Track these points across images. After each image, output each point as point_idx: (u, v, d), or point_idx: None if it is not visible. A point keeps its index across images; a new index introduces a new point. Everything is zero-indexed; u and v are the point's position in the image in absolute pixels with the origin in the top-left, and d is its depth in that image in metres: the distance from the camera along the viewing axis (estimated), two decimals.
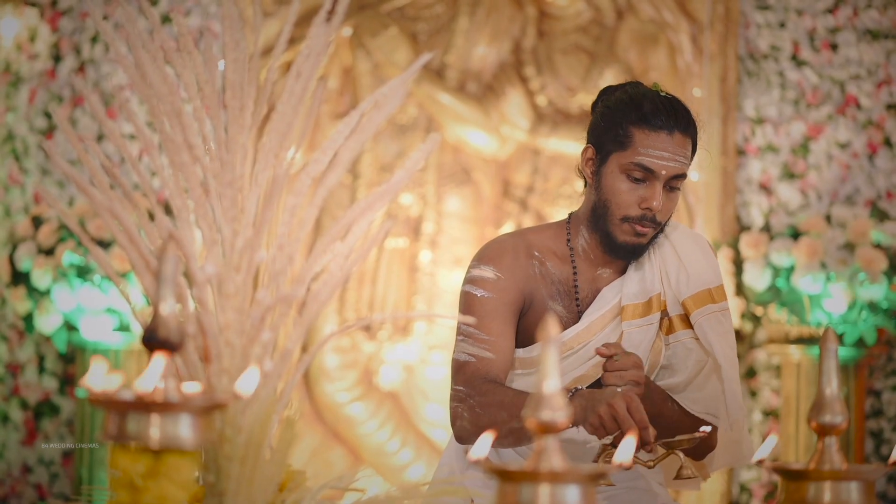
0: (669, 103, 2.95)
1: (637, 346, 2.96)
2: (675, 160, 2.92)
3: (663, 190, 2.92)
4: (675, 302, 2.99)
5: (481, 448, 1.80)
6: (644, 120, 2.93)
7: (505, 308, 2.97)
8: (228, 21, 2.23)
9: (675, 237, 3.04)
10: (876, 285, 5.37)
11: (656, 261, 3.01)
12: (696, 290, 2.98)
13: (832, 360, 2.00)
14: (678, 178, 2.93)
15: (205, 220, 2.18)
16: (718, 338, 2.96)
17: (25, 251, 5.51)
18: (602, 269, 3.03)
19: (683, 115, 2.95)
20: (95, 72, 5.74)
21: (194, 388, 1.86)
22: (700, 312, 2.97)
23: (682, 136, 2.93)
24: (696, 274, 3.00)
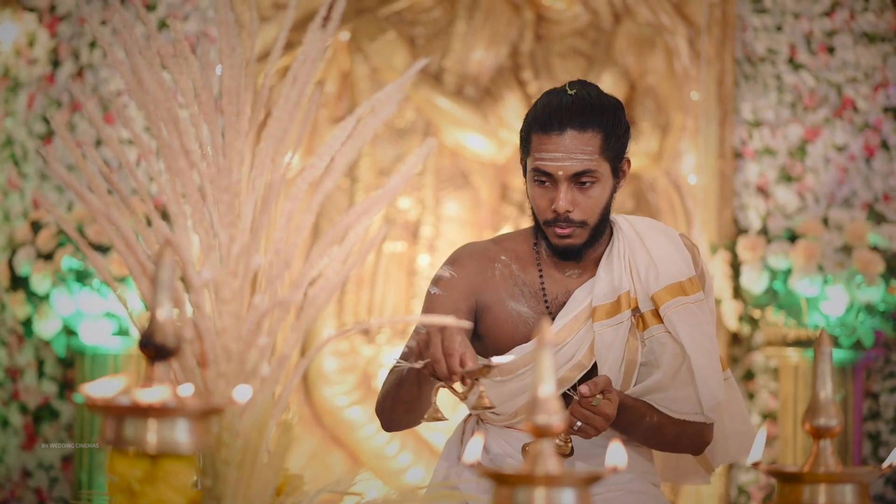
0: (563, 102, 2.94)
1: (609, 345, 2.96)
2: (571, 159, 2.91)
3: (575, 188, 2.92)
4: (645, 297, 2.99)
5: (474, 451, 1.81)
6: (537, 123, 2.94)
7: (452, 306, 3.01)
8: (225, 26, 2.24)
9: (645, 232, 3.04)
10: (873, 288, 5.38)
11: (625, 258, 3.01)
12: (666, 283, 2.98)
13: (827, 363, 2.01)
14: (585, 175, 2.92)
15: (202, 226, 2.19)
16: (688, 328, 2.96)
17: (24, 256, 5.51)
18: (570, 270, 3.04)
19: (579, 111, 2.92)
20: (94, 77, 5.75)
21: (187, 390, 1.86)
22: (669, 305, 2.97)
23: (578, 132, 2.91)
24: (666, 268, 2.99)
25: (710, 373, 2.95)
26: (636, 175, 5.69)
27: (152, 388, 1.77)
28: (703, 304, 3.00)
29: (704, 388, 2.94)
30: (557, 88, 3.00)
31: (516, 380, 3.01)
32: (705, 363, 2.95)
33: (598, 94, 2.99)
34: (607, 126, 2.94)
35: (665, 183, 5.70)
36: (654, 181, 5.71)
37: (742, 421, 3.14)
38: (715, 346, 3.00)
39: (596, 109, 2.94)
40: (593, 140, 2.92)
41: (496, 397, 3.04)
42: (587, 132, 2.92)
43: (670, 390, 2.97)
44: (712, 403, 2.95)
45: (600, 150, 2.93)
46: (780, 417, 5.51)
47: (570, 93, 2.95)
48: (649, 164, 5.69)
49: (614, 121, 2.96)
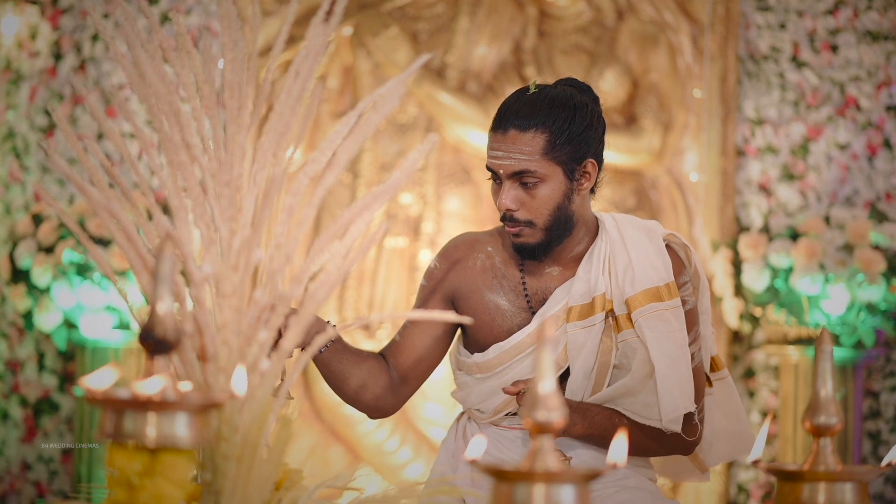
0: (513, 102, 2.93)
1: (582, 346, 2.95)
2: (510, 157, 2.91)
3: (520, 188, 2.92)
4: (621, 301, 2.97)
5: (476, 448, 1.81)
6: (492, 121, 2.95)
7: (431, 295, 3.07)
8: (227, 21, 2.24)
9: (628, 232, 3.02)
10: (874, 287, 5.37)
11: (605, 260, 3.00)
12: (642, 288, 2.95)
13: (827, 361, 2.01)
14: (524, 175, 2.91)
15: (203, 220, 2.19)
16: (657, 336, 2.93)
17: (25, 249, 5.51)
18: (550, 267, 3.03)
19: (523, 111, 2.91)
20: (96, 70, 5.75)
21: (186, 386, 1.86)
22: (641, 311, 2.94)
23: (519, 132, 2.90)
24: (644, 272, 2.97)
25: (674, 383, 2.91)
26: (638, 172, 5.69)
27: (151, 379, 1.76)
28: (678, 311, 2.96)
29: (667, 399, 2.91)
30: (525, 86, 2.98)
31: (495, 377, 3.01)
32: (671, 373, 2.91)
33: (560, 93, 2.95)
34: (554, 127, 2.90)
35: (667, 180, 5.70)
36: (656, 178, 5.71)
37: (736, 420, 3.12)
38: (685, 356, 2.95)
39: (542, 110, 2.91)
40: (535, 140, 2.90)
41: (476, 395, 3.05)
42: (528, 132, 2.90)
43: (640, 395, 2.95)
44: (673, 416, 2.91)
45: (543, 150, 2.90)
46: (781, 416, 5.51)
47: (530, 91, 2.94)
48: (651, 161, 5.69)
49: (565, 122, 2.92)
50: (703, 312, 3.05)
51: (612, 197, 5.69)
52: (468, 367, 3.06)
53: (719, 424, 3.10)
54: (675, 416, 2.91)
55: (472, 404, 3.08)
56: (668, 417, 2.91)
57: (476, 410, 3.07)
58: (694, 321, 3.02)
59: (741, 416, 3.13)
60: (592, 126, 2.96)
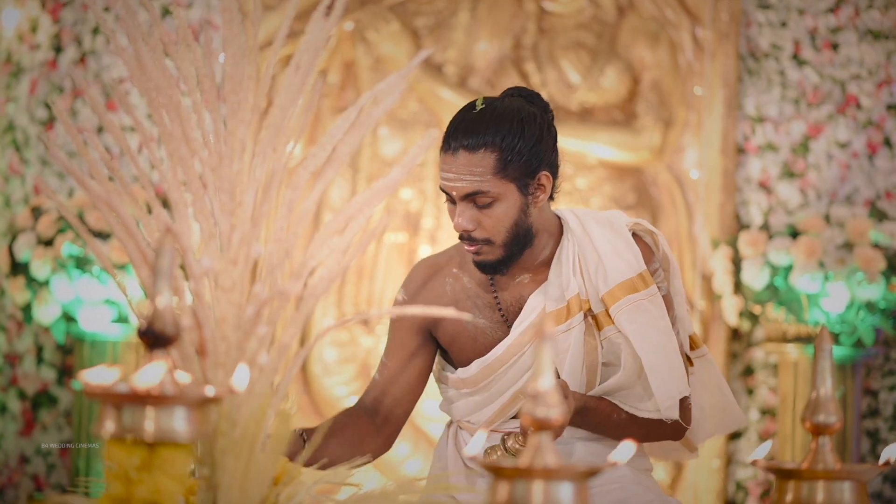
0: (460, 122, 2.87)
1: (566, 350, 2.93)
2: (461, 179, 2.85)
3: (472, 207, 2.86)
4: (597, 299, 2.95)
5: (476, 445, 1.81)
6: (442, 142, 2.89)
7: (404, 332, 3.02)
8: (228, 14, 2.24)
9: (592, 228, 2.97)
10: (874, 285, 5.37)
11: (574, 260, 2.96)
12: (615, 283, 2.92)
13: (827, 360, 2.01)
14: (477, 196, 2.85)
15: (202, 214, 2.19)
16: (639, 327, 2.90)
17: (25, 242, 5.51)
18: (521, 276, 2.99)
19: (471, 132, 2.84)
20: (96, 63, 5.74)
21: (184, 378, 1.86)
22: (618, 306, 2.91)
23: (469, 152, 2.84)
24: (615, 266, 2.93)
25: (665, 371, 2.90)
26: (639, 169, 5.69)
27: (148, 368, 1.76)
28: (655, 298, 2.93)
29: (660, 389, 2.89)
30: (472, 102, 2.92)
31: (480, 392, 3.00)
32: (660, 361, 2.90)
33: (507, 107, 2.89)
34: (504, 145, 2.85)
35: (667, 178, 5.70)
36: (656, 176, 5.71)
37: (721, 395, 3.10)
38: (671, 342, 2.92)
39: (490, 129, 2.85)
40: (485, 160, 2.84)
41: (464, 408, 3.04)
42: (478, 152, 2.84)
43: (634, 388, 2.93)
44: (669, 403, 2.90)
45: (494, 170, 2.84)
46: (780, 414, 5.51)
47: (476, 108, 2.88)
48: (652, 158, 5.68)
49: (514, 138, 2.86)
50: (676, 294, 3.02)
51: (613, 193, 5.69)
52: (453, 381, 3.04)
53: (705, 401, 3.09)
54: (672, 403, 2.90)
55: (461, 416, 3.07)
56: (665, 405, 2.89)
57: (466, 422, 3.07)
58: (670, 306, 2.99)
59: (725, 391, 3.11)
60: (543, 138, 2.91)
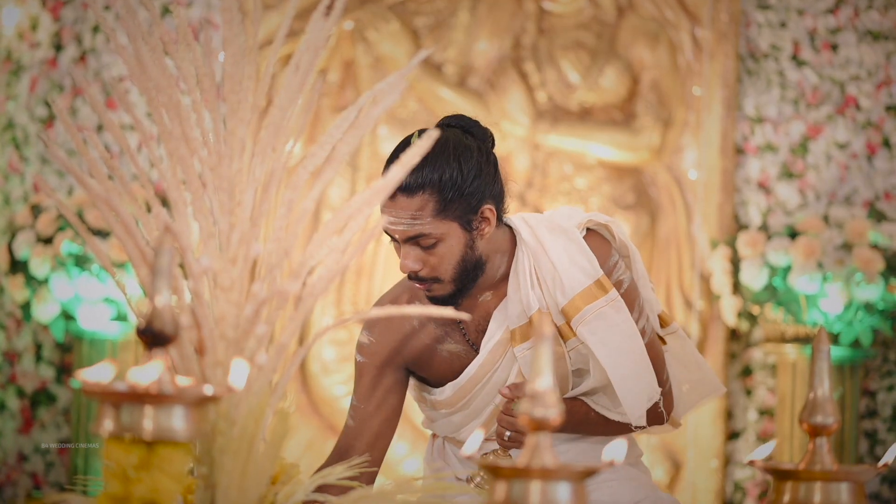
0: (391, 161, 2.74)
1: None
2: (402, 223, 2.78)
3: (416, 248, 2.80)
4: (557, 311, 2.88)
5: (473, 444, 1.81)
6: None
7: (376, 371, 2.96)
8: (228, 14, 2.24)
9: (545, 238, 2.90)
10: (872, 286, 5.38)
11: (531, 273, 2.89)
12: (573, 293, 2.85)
13: (824, 361, 2.01)
14: (422, 238, 2.79)
15: (202, 213, 2.19)
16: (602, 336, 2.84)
17: (24, 240, 5.51)
18: (483, 294, 2.94)
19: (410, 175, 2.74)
20: (97, 61, 5.75)
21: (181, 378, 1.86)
22: (579, 318, 2.85)
23: (407, 197, 2.76)
24: (571, 276, 2.86)
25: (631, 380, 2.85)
26: (638, 169, 5.70)
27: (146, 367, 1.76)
28: (616, 302, 2.86)
29: (627, 399, 2.85)
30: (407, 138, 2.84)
31: (459, 411, 2.99)
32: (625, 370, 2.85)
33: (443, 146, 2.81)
34: (442, 184, 2.77)
35: (666, 178, 5.70)
36: (655, 176, 5.71)
37: (697, 369, 3.07)
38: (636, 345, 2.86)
39: (426, 169, 2.77)
40: (425, 203, 2.78)
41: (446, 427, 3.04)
42: (416, 196, 2.77)
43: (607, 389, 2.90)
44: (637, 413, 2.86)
45: (434, 212, 2.78)
46: (778, 414, 5.52)
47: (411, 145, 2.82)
48: (651, 158, 5.69)
49: (452, 176, 2.78)
50: (639, 277, 2.96)
51: (612, 193, 5.69)
52: (431, 402, 3.03)
53: (682, 376, 3.07)
54: (640, 413, 2.87)
55: (444, 434, 3.07)
56: (633, 414, 2.86)
57: (450, 437, 3.07)
58: (635, 295, 2.93)
59: (701, 363, 3.08)
60: (482, 171, 2.83)
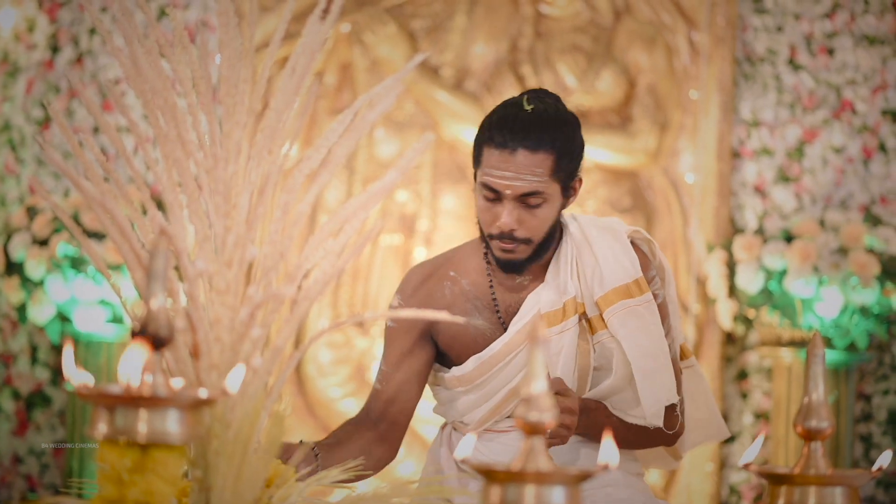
0: (519, 120, 2.86)
1: (558, 353, 2.94)
2: (521, 179, 2.84)
3: (521, 207, 2.87)
4: (592, 303, 2.96)
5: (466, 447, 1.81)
6: (490, 138, 2.87)
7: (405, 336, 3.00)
8: (224, 16, 2.24)
9: (592, 234, 2.98)
10: (868, 290, 5.38)
11: (573, 263, 2.97)
12: (611, 287, 2.94)
13: (819, 365, 2.01)
14: (532, 196, 2.86)
15: (197, 216, 2.19)
16: (631, 332, 2.91)
17: (20, 241, 5.51)
18: (521, 277, 2.99)
19: (533, 131, 2.84)
20: (93, 63, 5.75)
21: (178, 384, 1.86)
22: (611, 310, 2.93)
23: (530, 152, 2.84)
24: (612, 271, 2.94)
25: (653, 378, 2.91)
26: (634, 173, 5.70)
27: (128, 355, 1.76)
28: (650, 305, 2.95)
29: (646, 394, 2.90)
30: (515, 100, 2.93)
31: (475, 390, 3.01)
32: (650, 368, 2.91)
33: (556, 111, 2.91)
34: (561, 147, 2.87)
35: (662, 181, 5.70)
36: (651, 179, 5.71)
37: (706, 408, 3.12)
38: (662, 349, 2.94)
39: (550, 130, 2.86)
40: (545, 161, 2.85)
41: (458, 409, 3.04)
42: (539, 153, 2.85)
43: (625, 392, 2.94)
44: (655, 409, 2.90)
45: (551, 171, 2.86)
46: (773, 418, 5.52)
47: (527, 108, 2.88)
48: (647, 161, 5.69)
49: (569, 141, 2.88)
50: (670, 302, 3.04)
51: (609, 197, 5.69)
52: (447, 381, 3.05)
53: (690, 412, 3.10)
54: (657, 410, 2.91)
55: (455, 417, 3.07)
56: (650, 412, 2.90)
57: (460, 423, 3.07)
58: (665, 314, 3.01)
59: (711, 404, 3.13)
60: (583, 144, 2.94)
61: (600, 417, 2.93)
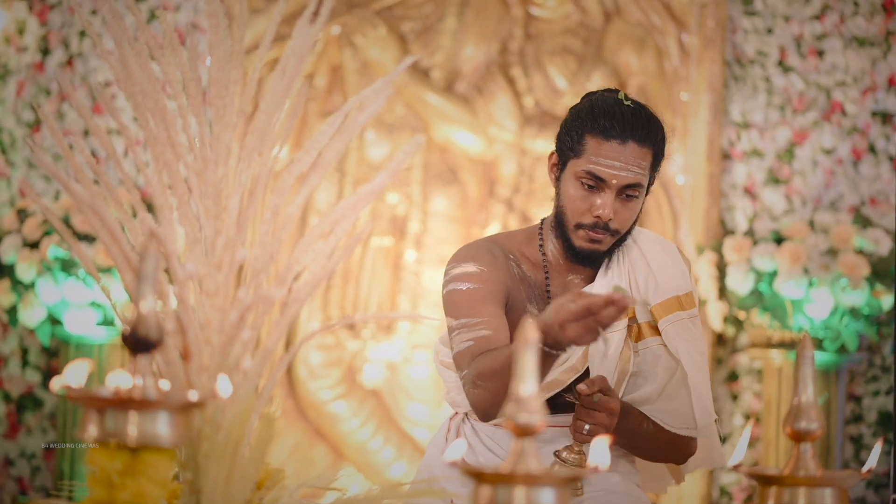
0: (627, 112, 2.93)
1: (604, 353, 2.96)
2: (628, 170, 2.91)
3: (618, 198, 2.92)
4: (643, 309, 2.99)
5: (456, 450, 1.81)
6: (597, 128, 2.92)
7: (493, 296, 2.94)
8: (214, 18, 2.24)
9: (644, 243, 3.04)
10: (858, 291, 5.39)
11: (625, 267, 3.01)
12: (665, 297, 2.98)
13: (808, 366, 2.02)
14: (633, 188, 2.92)
15: (187, 218, 2.19)
16: (686, 344, 2.96)
17: (10, 244, 5.50)
18: (572, 275, 3.02)
19: (641, 125, 2.93)
20: (84, 66, 5.74)
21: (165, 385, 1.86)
22: (668, 320, 2.97)
23: (638, 145, 2.91)
24: (665, 281, 3.00)
25: (703, 389, 2.96)
26: None
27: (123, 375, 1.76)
28: (696, 319, 3.01)
29: (699, 405, 2.94)
30: (609, 92, 3.00)
31: None
32: (700, 380, 2.96)
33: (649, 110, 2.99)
34: (658, 144, 2.95)
35: None
36: None
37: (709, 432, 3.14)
38: (706, 364, 3.00)
39: (653, 126, 2.95)
40: (647, 156, 2.93)
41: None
42: (644, 147, 2.92)
43: (658, 402, 2.97)
44: (707, 420, 2.96)
45: (651, 166, 2.95)
46: (764, 419, 5.53)
47: (626, 103, 2.95)
48: None
49: (663, 139, 2.97)
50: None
51: None
52: None
53: None
54: (707, 422, 2.96)
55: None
56: (703, 423, 2.95)
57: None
58: None
59: (711, 431, 3.15)
60: None
61: (635, 422, 2.94)
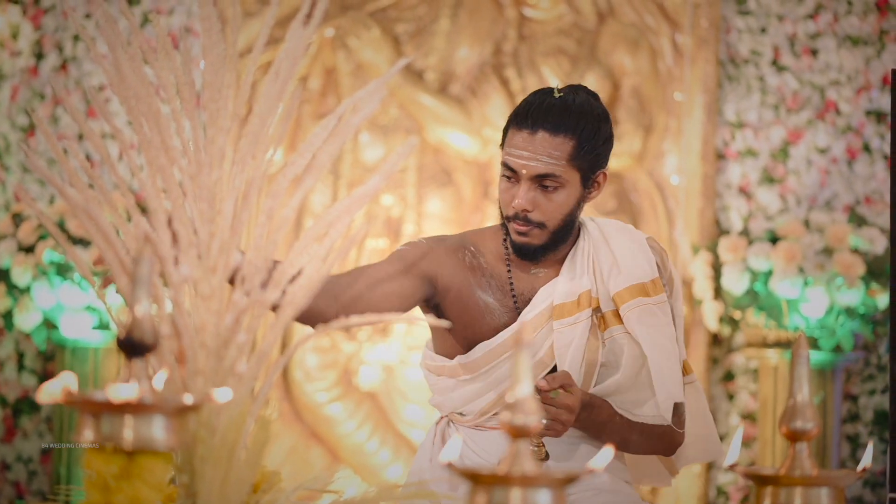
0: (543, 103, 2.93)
1: (568, 344, 2.97)
2: (537, 160, 2.91)
3: (537, 190, 2.93)
4: (607, 298, 3.00)
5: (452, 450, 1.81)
6: (513, 119, 2.96)
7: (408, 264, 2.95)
8: (207, 22, 2.24)
9: (610, 233, 3.04)
10: (853, 290, 5.39)
11: (589, 258, 3.02)
12: (628, 284, 2.98)
13: (804, 366, 2.02)
14: (548, 178, 2.92)
15: (182, 222, 2.19)
16: (647, 328, 2.96)
17: (6, 248, 5.50)
18: (536, 268, 3.04)
19: (555, 115, 2.91)
20: (78, 70, 5.74)
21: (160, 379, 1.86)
22: (630, 305, 2.97)
23: (550, 135, 2.91)
24: (629, 269, 2.99)
25: (667, 373, 2.95)
26: (619, 175, 5.70)
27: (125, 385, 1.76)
28: (664, 305, 3.00)
29: (661, 388, 2.94)
30: (547, 88, 3.01)
31: (480, 378, 3.01)
32: (663, 363, 2.95)
33: (585, 101, 2.97)
34: (582, 134, 2.93)
35: (647, 183, 5.71)
36: (636, 181, 5.72)
37: (704, 425, 3.14)
38: (674, 349, 2.99)
39: (573, 115, 2.93)
40: (564, 145, 2.92)
41: (459, 399, 3.04)
42: (559, 136, 2.91)
43: (630, 392, 2.98)
44: (668, 403, 2.95)
45: (569, 156, 2.92)
46: (760, 418, 5.53)
47: (555, 95, 2.95)
48: (632, 164, 5.70)
49: (592, 130, 2.94)
50: (676, 316, 3.07)
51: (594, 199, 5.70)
52: (451, 369, 3.04)
53: (688, 428, 3.12)
54: (668, 405, 2.95)
55: (454, 408, 3.07)
56: (664, 406, 2.94)
57: (458, 414, 3.07)
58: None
59: (708, 421, 3.15)
60: (610, 139, 3.00)
61: (603, 415, 2.94)
